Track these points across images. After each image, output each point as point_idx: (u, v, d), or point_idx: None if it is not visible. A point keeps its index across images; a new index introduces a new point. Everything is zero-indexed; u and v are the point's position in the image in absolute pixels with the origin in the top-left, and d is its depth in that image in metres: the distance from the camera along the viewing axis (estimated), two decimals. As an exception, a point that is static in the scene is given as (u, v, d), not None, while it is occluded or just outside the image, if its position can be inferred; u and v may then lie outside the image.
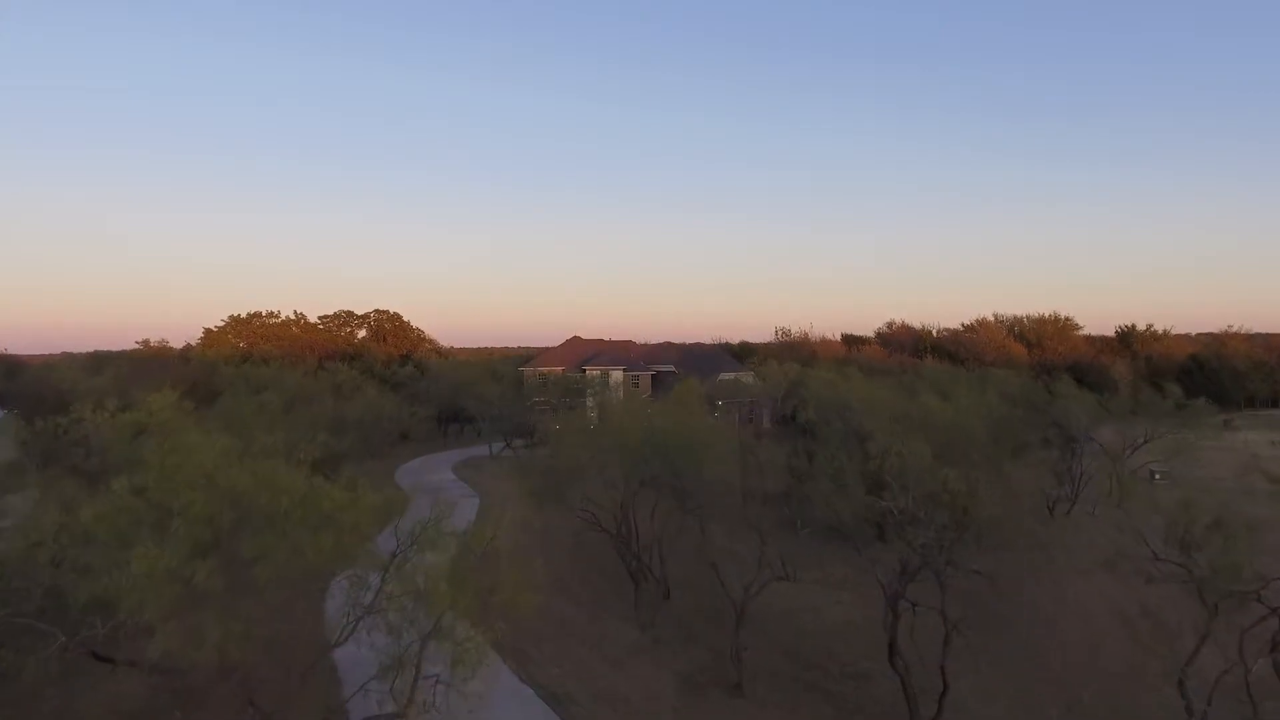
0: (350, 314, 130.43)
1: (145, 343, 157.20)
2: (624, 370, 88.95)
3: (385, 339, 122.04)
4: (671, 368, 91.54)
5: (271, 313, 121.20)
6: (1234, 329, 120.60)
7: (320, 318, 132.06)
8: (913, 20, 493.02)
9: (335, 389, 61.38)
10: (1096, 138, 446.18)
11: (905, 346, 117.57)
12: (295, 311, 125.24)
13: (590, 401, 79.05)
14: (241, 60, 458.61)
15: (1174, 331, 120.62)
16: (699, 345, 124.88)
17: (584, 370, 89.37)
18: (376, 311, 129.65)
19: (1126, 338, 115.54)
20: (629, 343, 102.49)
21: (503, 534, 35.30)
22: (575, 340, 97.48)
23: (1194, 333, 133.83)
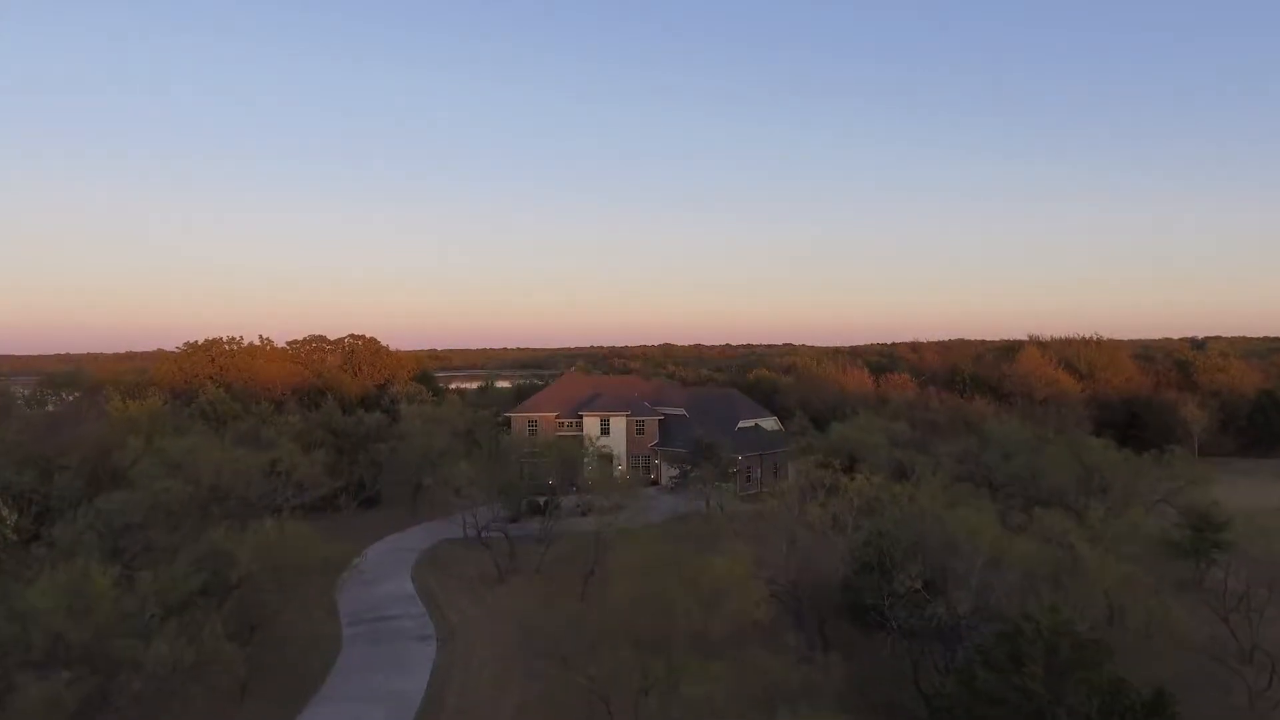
0: (322, 339, 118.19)
1: (104, 356, 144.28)
2: (627, 416, 76.79)
3: (359, 368, 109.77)
4: (681, 411, 79.33)
5: (234, 339, 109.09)
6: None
7: (289, 343, 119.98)
8: (909, 19, 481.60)
9: (270, 466, 49.00)
10: (1092, 138, 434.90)
11: (938, 378, 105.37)
12: (261, 337, 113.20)
13: (589, 458, 66.87)
14: (240, 60, 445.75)
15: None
16: (712, 382, 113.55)
17: (580, 416, 77.24)
18: (351, 336, 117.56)
19: (1186, 366, 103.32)
20: (632, 380, 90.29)
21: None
22: (571, 379, 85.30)
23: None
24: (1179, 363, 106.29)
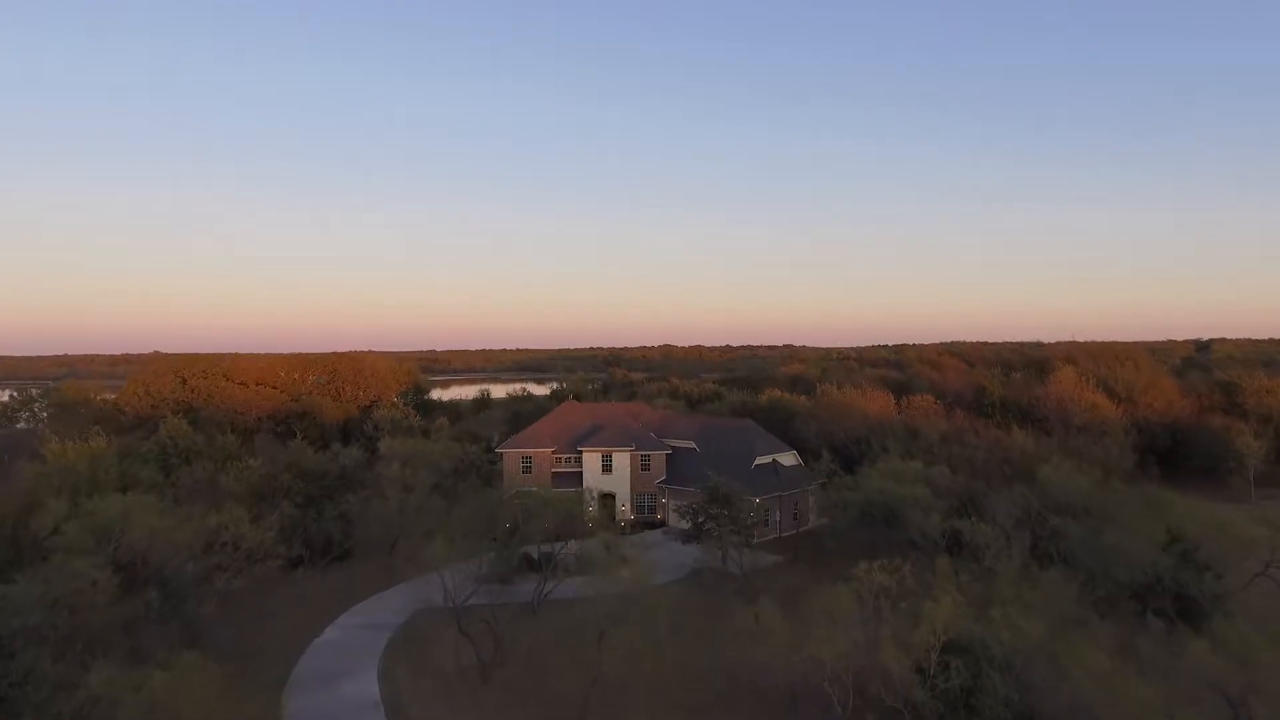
0: (304, 357, 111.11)
1: (71, 380, 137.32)
2: (631, 450, 69.48)
3: (341, 389, 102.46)
4: (691, 443, 72.03)
5: (209, 355, 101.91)
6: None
7: (269, 359, 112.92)
8: (910, 19, 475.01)
9: (212, 536, 41.67)
10: (1092, 138, 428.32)
11: (964, 400, 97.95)
12: (236, 354, 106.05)
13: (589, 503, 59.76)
14: (240, 61, 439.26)
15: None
16: (719, 400, 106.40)
17: (579, 452, 69.91)
18: (335, 354, 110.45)
19: (1230, 389, 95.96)
20: (635, 408, 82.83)
21: None
22: (569, 408, 77.79)
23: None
24: (1222, 384, 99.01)
